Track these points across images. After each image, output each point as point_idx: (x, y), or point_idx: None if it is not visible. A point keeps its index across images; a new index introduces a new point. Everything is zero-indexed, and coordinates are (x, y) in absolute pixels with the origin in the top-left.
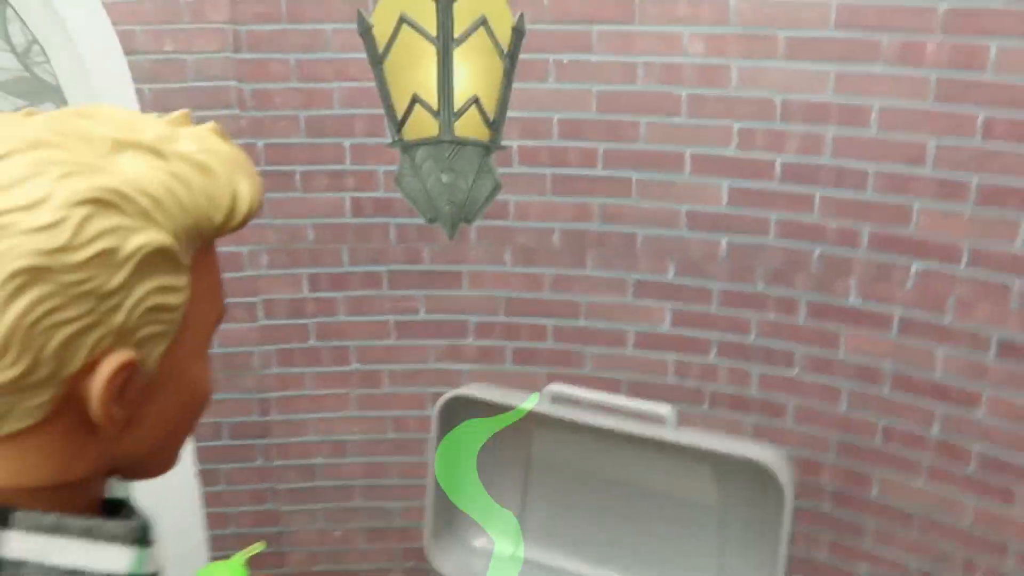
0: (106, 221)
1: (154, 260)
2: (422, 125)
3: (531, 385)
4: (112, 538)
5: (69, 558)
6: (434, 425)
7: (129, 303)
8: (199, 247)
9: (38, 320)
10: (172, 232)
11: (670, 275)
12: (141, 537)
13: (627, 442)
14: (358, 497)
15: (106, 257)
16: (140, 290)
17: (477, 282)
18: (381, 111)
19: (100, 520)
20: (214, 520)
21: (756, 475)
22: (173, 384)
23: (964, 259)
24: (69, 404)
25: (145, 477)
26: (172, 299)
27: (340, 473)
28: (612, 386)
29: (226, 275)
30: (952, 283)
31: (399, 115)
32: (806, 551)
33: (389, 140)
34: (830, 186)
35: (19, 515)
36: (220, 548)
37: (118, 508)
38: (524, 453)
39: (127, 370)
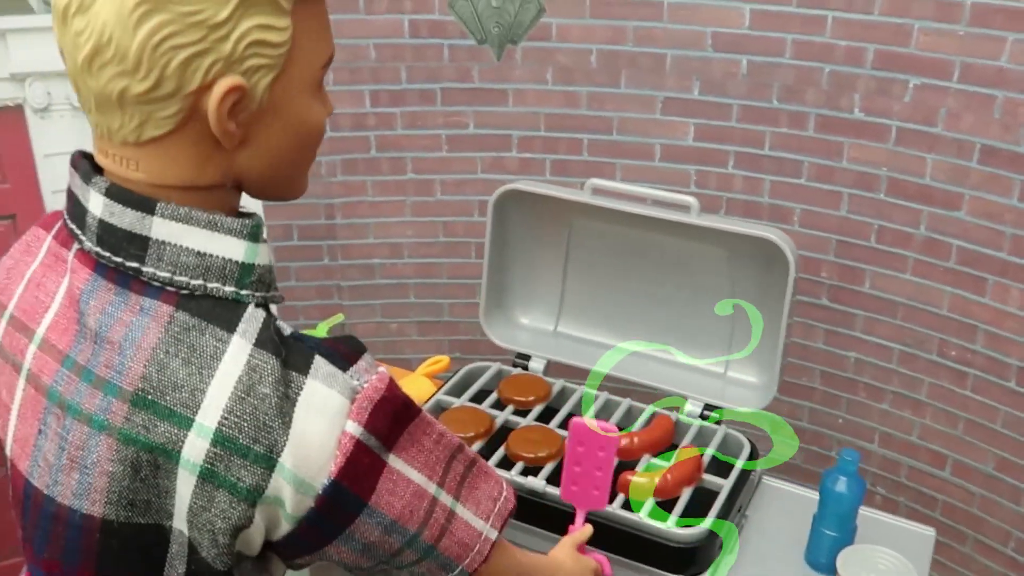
0: None
1: (257, 2)
2: None
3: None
4: (229, 231)
5: (197, 242)
6: (490, 214)
7: (235, 35)
8: None
9: (160, 42)
10: None
11: (695, 93)
12: (253, 233)
13: (655, 228)
14: (412, 294)
15: None
16: (244, 25)
17: (520, 99)
18: None
19: (222, 216)
20: (284, 313)
21: (765, 253)
22: (282, 113)
23: (955, 74)
24: (195, 118)
25: (277, 198)
26: (273, 37)
27: (396, 272)
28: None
29: None
30: (944, 96)
31: None
32: (804, 340)
33: None
34: (841, 9)
35: (161, 205)
36: None
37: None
38: (564, 241)
39: (236, 92)
